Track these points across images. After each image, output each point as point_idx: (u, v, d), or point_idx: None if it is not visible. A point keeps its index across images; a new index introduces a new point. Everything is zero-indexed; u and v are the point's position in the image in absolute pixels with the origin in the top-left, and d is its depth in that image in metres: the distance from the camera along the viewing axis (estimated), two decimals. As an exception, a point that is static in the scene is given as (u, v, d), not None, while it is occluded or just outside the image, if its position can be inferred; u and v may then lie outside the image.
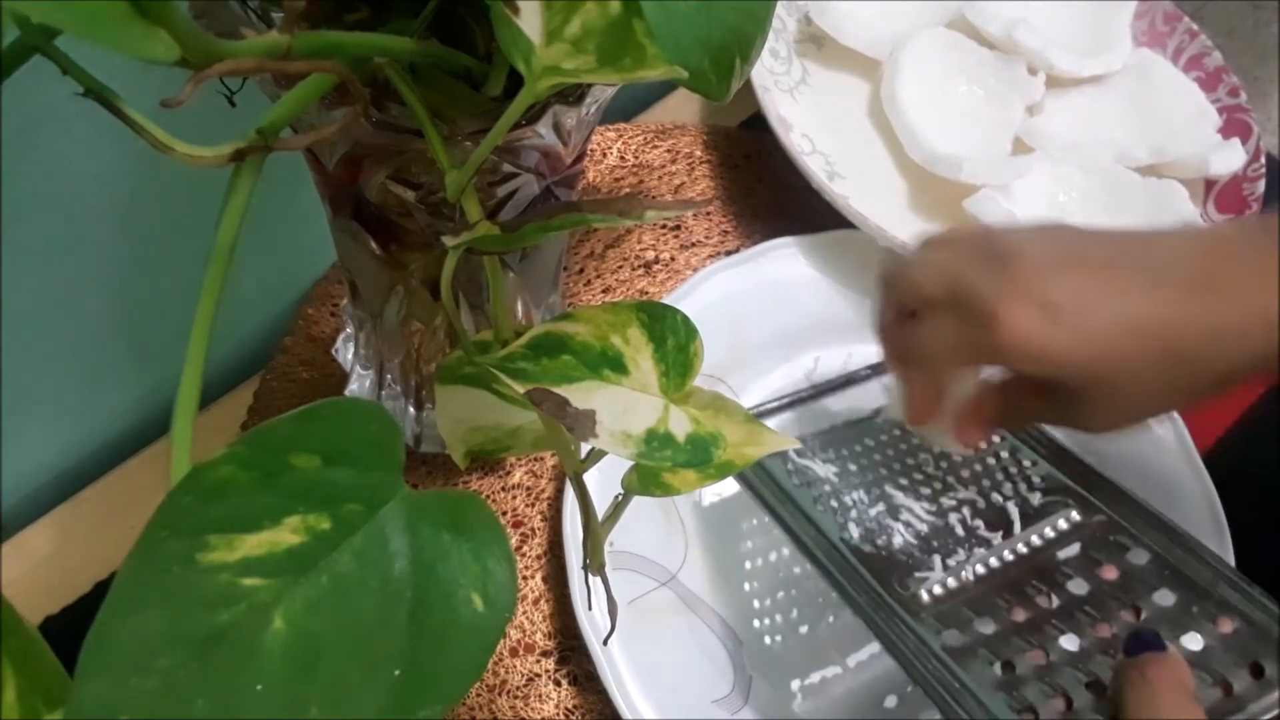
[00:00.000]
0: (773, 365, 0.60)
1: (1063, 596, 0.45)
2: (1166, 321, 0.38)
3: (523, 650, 0.52)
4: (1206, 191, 0.65)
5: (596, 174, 0.68)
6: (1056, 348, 0.39)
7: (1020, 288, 0.39)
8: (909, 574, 0.46)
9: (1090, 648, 0.43)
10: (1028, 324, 0.39)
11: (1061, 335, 0.39)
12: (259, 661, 0.20)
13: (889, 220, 0.60)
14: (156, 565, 0.21)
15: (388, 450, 0.24)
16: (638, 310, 0.31)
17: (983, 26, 0.67)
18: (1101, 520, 0.48)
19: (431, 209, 0.38)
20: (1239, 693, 0.39)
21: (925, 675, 0.41)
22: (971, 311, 0.40)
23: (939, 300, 0.42)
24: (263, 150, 0.27)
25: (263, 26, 0.32)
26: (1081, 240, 0.42)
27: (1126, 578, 0.45)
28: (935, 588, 0.46)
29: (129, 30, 0.19)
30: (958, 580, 0.46)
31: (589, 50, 0.25)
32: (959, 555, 0.47)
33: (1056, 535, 0.48)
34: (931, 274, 0.42)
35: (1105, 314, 0.39)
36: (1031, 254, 0.40)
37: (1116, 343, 0.39)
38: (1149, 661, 0.38)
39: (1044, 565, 0.47)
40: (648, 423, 0.28)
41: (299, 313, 0.61)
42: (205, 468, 0.22)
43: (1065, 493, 0.50)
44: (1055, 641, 0.43)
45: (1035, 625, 0.44)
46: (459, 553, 0.23)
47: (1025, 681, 0.41)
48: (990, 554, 0.47)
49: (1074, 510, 0.49)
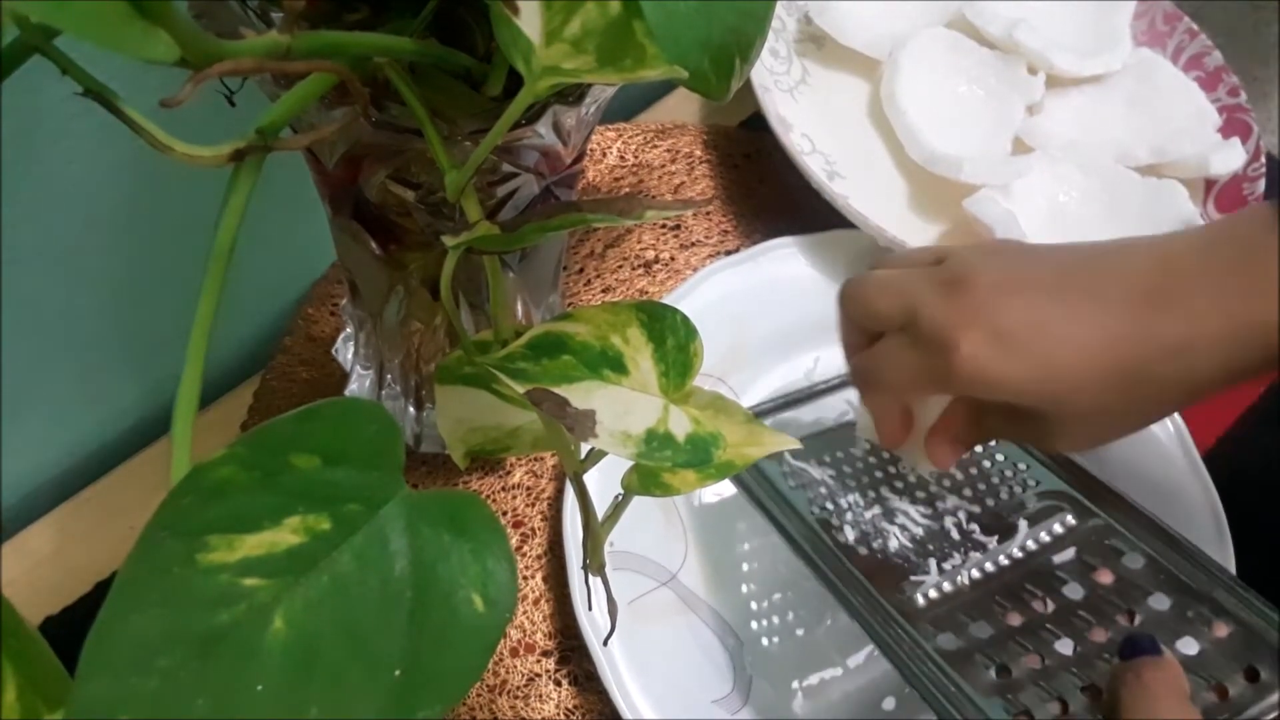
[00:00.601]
0: (772, 365, 0.60)
1: (1058, 601, 0.45)
2: (1117, 342, 0.38)
3: (523, 650, 0.52)
4: (1206, 191, 0.65)
5: (596, 174, 0.68)
6: (1012, 376, 0.38)
7: (972, 314, 0.39)
8: (905, 578, 0.46)
9: (1086, 652, 0.43)
10: (981, 352, 0.38)
11: (1015, 363, 0.38)
12: (259, 662, 0.20)
13: (889, 220, 0.60)
14: (156, 565, 0.21)
15: (388, 450, 0.24)
16: (637, 310, 0.31)
17: (983, 26, 0.67)
18: (1097, 524, 0.48)
19: (431, 209, 0.38)
20: (1234, 697, 0.39)
21: (921, 679, 0.41)
22: (925, 339, 0.40)
23: (895, 323, 0.41)
24: (262, 150, 0.26)
25: (262, 26, 0.32)
26: (1030, 260, 0.41)
27: (1122, 582, 0.45)
28: (931, 591, 0.46)
29: (129, 30, 0.19)
30: (953, 584, 0.46)
31: (589, 50, 0.25)
32: (954, 559, 0.47)
33: (1052, 539, 0.48)
34: (888, 297, 0.42)
35: (1056, 338, 0.38)
36: (982, 278, 0.40)
37: (1070, 367, 0.38)
38: (1145, 665, 0.38)
39: (1039, 569, 0.47)
40: (647, 423, 0.28)
41: (299, 312, 0.61)
42: (205, 468, 0.22)
43: (1060, 497, 0.50)
44: (1051, 646, 0.43)
45: (1031, 629, 0.44)
46: (459, 553, 0.23)
47: (1021, 686, 0.41)
48: (986, 558, 0.47)
49: (1069, 514, 0.49)
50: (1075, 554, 0.47)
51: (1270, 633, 0.41)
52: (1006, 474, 0.51)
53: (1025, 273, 0.40)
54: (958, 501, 0.50)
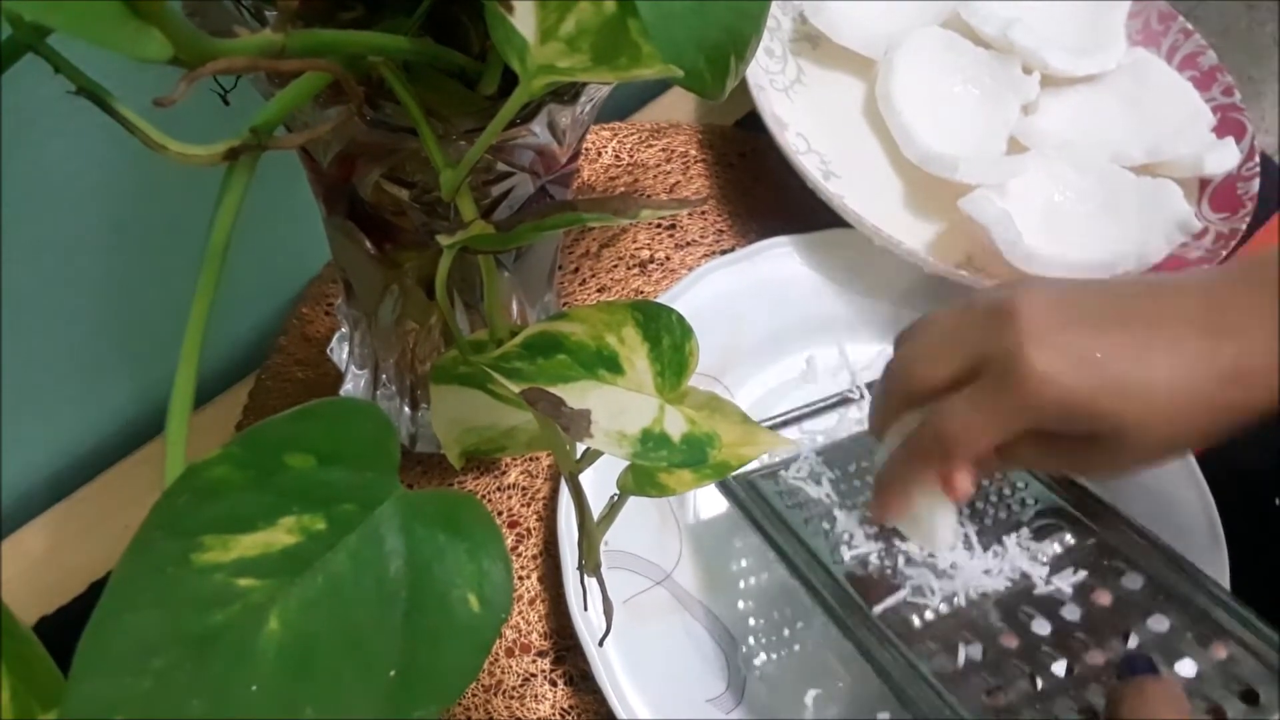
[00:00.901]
0: (768, 363, 0.60)
1: (1056, 622, 0.44)
2: (1183, 368, 0.39)
3: (518, 650, 0.52)
4: (1201, 190, 0.65)
5: (591, 173, 0.68)
6: (1089, 394, 0.38)
7: (1039, 336, 0.39)
8: (900, 598, 0.46)
9: (1084, 674, 0.42)
10: (1056, 368, 0.38)
11: (1092, 381, 0.39)
12: (254, 662, 0.20)
13: (884, 219, 0.60)
14: (151, 565, 0.21)
15: (383, 450, 0.23)
16: (633, 309, 0.31)
17: (978, 26, 0.67)
18: (1096, 543, 0.47)
19: (426, 208, 0.38)
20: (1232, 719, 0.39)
21: (916, 702, 0.41)
22: (997, 373, 0.39)
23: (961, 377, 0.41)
24: (257, 149, 0.26)
25: (256, 24, 0.32)
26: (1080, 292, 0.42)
27: (1120, 603, 0.44)
28: (927, 613, 0.45)
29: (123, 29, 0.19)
30: (949, 605, 0.46)
31: (584, 49, 0.25)
32: (951, 579, 0.47)
33: (1050, 560, 0.47)
34: (946, 355, 0.42)
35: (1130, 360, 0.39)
36: (1038, 303, 0.40)
37: (1145, 389, 0.39)
38: (1145, 684, 0.38)
39: (1037, 590, 0.46)
40: (643, 423, 0.28)
41: (294, 312, 0.61)
42: (200, 467, 0.22)
43: (1059, 515, 0.49)
44: (1047, 668, 0.42)
45: (1027, 652, 0.43)
46: (454, 553, 0.23)
47: (1017, 708, 0.41)
48: (983, 579, 0.47)
49: (1068, 533, 0.48)
50: (1073, 574, 0.46)
51: (1270, 654, 0.40)
52: (1005, 492, 0.50)
53: (1082, 301, 0.41)
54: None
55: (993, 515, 0.50)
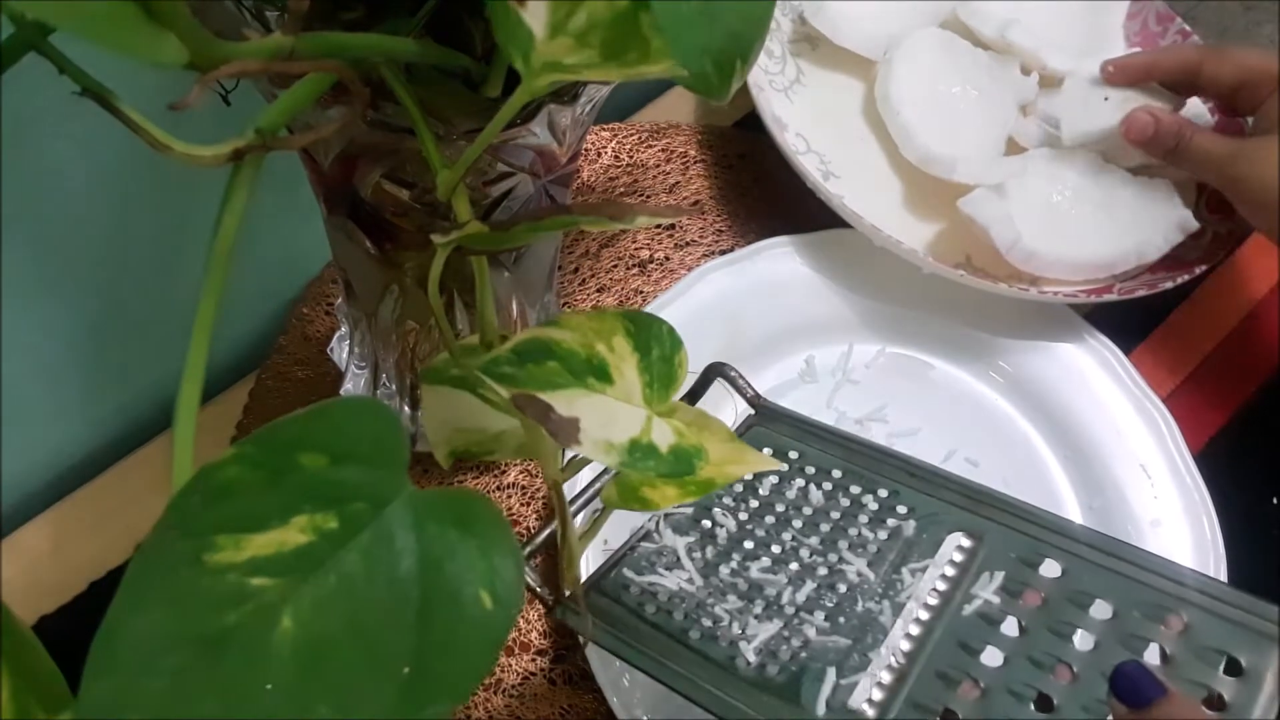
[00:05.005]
0: (767, 363, 0.60)
1: (1004, 647, 0.38)
2: None
3: (519, 649, 0.52)
4: (1199, 192, 0.65)
5: (591, 173, 0.68)
6: None
7: None
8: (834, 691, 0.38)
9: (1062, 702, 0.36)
10: None
11: None
12: (267, 661, 0.20)
13: (884, 219, 0.60)
14: (164, 565, 0.21)
15: (393, 449, 0.24)
16: (623, 318, 0.31)
17: (976, 27, 0.67)
18: (994, 536, 0.41)
19: (426, 208, 0.38)
20: (1231, 700, 0.35)
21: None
22: None
23: None
24: (261, 150, 0.26)
25: (258, 25, 0.32)
26: None
27: (1053, 599, 0.39)
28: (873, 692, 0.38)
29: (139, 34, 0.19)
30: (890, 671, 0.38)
31: (593, 44, 0.25)
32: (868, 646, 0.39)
33: (959, 569, 0.41)
34: None
35: None
36: None
37: None
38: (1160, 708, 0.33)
39: (965, 617, 0.39)
40: (631, 432, 0.28)
41: (294, 312, 0.61)
42: (213, 468, 0.22)
43: (941, 517, 0.43)
44: (1027, 705, 0.36)
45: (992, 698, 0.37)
46: (466, 550, 0.23)
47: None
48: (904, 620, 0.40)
49: (962, 535, 0.42)
50: (990, 580, 0.40)
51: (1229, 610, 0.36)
52: (871, 506, 0.44)
53: None
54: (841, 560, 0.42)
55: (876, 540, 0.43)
